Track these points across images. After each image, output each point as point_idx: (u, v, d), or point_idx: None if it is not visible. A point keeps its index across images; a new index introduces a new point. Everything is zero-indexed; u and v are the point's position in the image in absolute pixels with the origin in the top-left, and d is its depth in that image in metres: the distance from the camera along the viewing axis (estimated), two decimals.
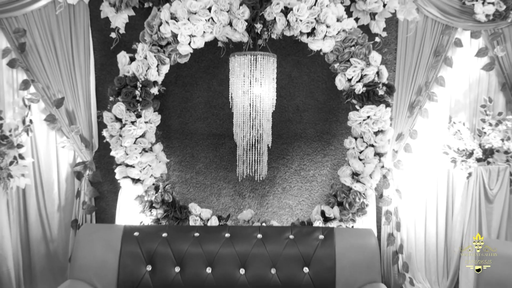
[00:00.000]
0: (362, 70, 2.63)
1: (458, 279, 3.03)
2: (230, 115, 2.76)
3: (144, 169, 2.74)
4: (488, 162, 2.87)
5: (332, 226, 2.76)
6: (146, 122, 2.72)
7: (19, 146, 2.74)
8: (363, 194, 2.77)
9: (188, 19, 2.50)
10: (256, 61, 2.56)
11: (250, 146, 2.67)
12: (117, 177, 2.76)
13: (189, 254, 2.38)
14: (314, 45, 2.65)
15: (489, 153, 2.86)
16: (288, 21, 2.56)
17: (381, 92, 2.65)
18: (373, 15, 2.90)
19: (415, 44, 2.95)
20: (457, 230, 3.06)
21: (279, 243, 2.42)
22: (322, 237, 2.44)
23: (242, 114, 2.64)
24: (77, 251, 2.36)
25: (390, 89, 2.69)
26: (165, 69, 2.70)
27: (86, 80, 2.93)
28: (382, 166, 2.86)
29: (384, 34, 2.93)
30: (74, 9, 2.85)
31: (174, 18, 2.52)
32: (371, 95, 2.64)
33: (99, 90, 3.00)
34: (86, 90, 2.94)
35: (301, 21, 2.53)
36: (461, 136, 2.91)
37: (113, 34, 2.89)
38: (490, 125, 2.86)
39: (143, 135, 2.74)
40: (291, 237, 2.45)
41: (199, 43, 2.60)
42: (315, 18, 2.54)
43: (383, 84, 2.67)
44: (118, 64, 2.70)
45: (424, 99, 2.98)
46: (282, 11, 2.54)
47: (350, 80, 2.67)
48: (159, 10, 2.62)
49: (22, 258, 2.90)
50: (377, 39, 2.85)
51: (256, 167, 2.70)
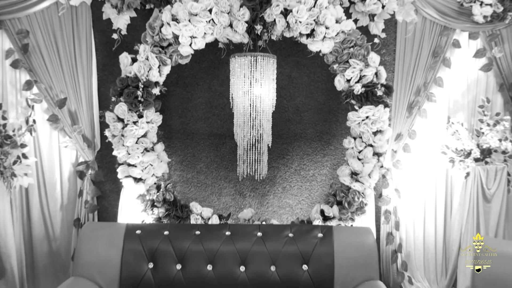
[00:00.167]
0: (361, 71, 2.65)
1: (456, 278, 3.04)
2: (231, 115, 2.78)
3: (145, 168, 2.76)
4: (486, 162, 2.89)
5: (331, 225, 2.78)
6: (148, 122, 2.74)
7: (23, 145, 2.76)
8: (362, 193, 2.79)
9: (189, 21, 2.52)
10: (256, 62, 2.57)
11: (251, 146, 2.68)
12: (119, 176, 2.78)
13: (190, 251, 2.40)
14: (314, 46, 2.67)
15: (487, 153, 2.89)
16: (287, 22, 2.57)
17: (379, 92, 2.67)
18: (372, 17, 2.91)
19: (414, 45, 2.96)
20: (455, 229, 3.07)
21: (279, 241, 2.44)
22: (321, 235, 2.46)
23: (242, 114, 2.65)
24: (80, 249, 2.39)
25: (388, 89, 2.71)
26: (166, 70, 2.72)
27: (88, 80, 2.94)
28: (381, 166, 2.88)
29: (383, 35, 2.95)
30: (77, 10, 2.86)
31: (175, 19, 2.54)
32: (370, 96, 2.66)
33: (101, 90, 3.02)
34: (88, 90, 2.95)
35: (300, 22, 2.55)
36: (459, 136, 2.93)
37: (115, 35, 2.90)
38: (488, 125, 2.88)
39: (145, 135, 2.76)
40: (291, 235, 2.47)
41: (200, 44, 2.62)
42: (314, 20, 2.56)
43: (382, 84, 2.69)
44: (120, 65, 2.71)
45: (422, 100, 3.00)
46: (281, 13, 2.56)
47: (349, 80, 2.69)
48: (161, 12, 2.64)
49: (25, 256, 2.92)
50: (376, 40, 2.87)
51: (256, 167, 2.71)
